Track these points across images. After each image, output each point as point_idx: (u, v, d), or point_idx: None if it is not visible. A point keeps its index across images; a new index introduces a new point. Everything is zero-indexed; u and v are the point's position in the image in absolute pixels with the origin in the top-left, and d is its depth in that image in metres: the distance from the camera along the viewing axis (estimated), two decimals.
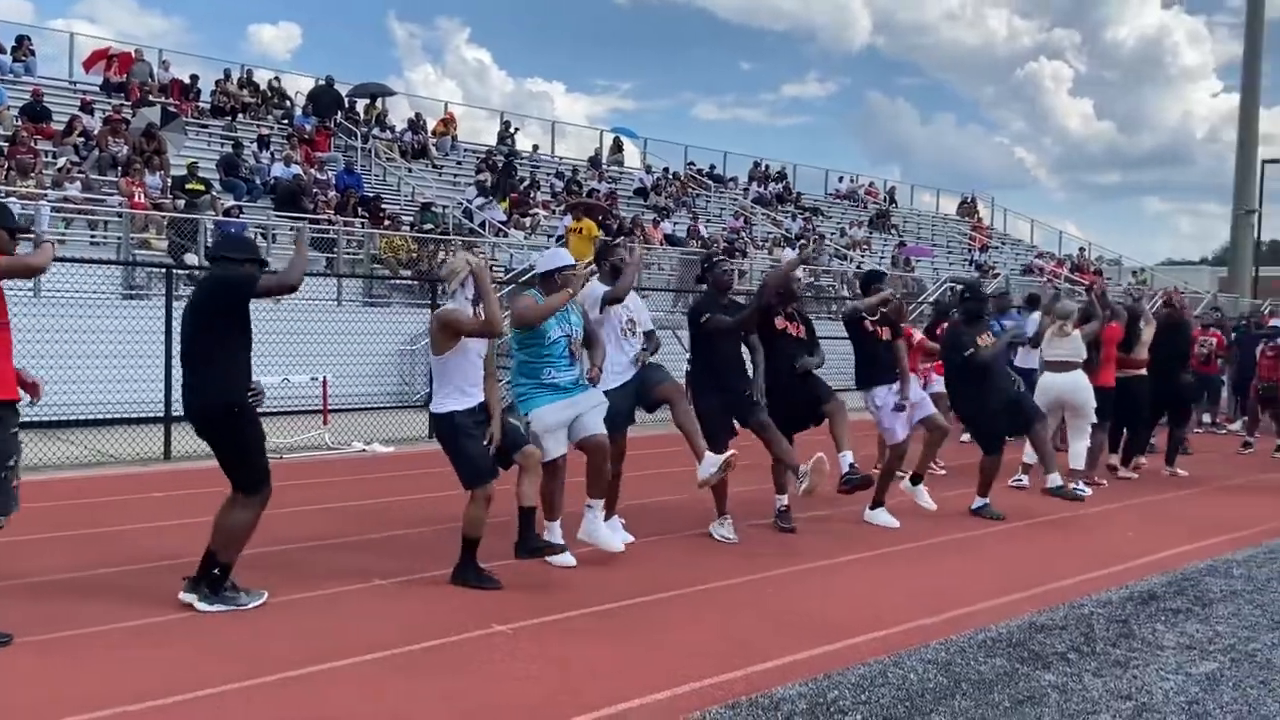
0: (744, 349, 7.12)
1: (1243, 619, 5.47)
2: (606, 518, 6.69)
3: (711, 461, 6.35)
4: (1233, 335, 14.74)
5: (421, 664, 4.41)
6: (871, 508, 7.59)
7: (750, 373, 7.06)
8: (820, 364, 7.07)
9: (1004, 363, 8.29)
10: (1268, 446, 12.28)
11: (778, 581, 5.93)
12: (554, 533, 6.08)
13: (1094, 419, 9.04)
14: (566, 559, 6.01)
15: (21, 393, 4.67)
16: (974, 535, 7.34)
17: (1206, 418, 14.53)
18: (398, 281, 16.20)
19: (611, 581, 5.74)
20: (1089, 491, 9.01)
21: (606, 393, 6.43)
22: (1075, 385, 8.83)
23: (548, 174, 25.39)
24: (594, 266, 6.97)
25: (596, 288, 6.56)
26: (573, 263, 6.24)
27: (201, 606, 4.98)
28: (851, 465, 7.14)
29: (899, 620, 5.18)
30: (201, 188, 15.85)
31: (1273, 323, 13.94)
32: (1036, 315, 11.61)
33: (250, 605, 5.04)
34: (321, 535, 6.70)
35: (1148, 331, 9.88)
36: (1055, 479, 8.09)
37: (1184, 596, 5.88)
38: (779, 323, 7.09)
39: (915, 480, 7.77)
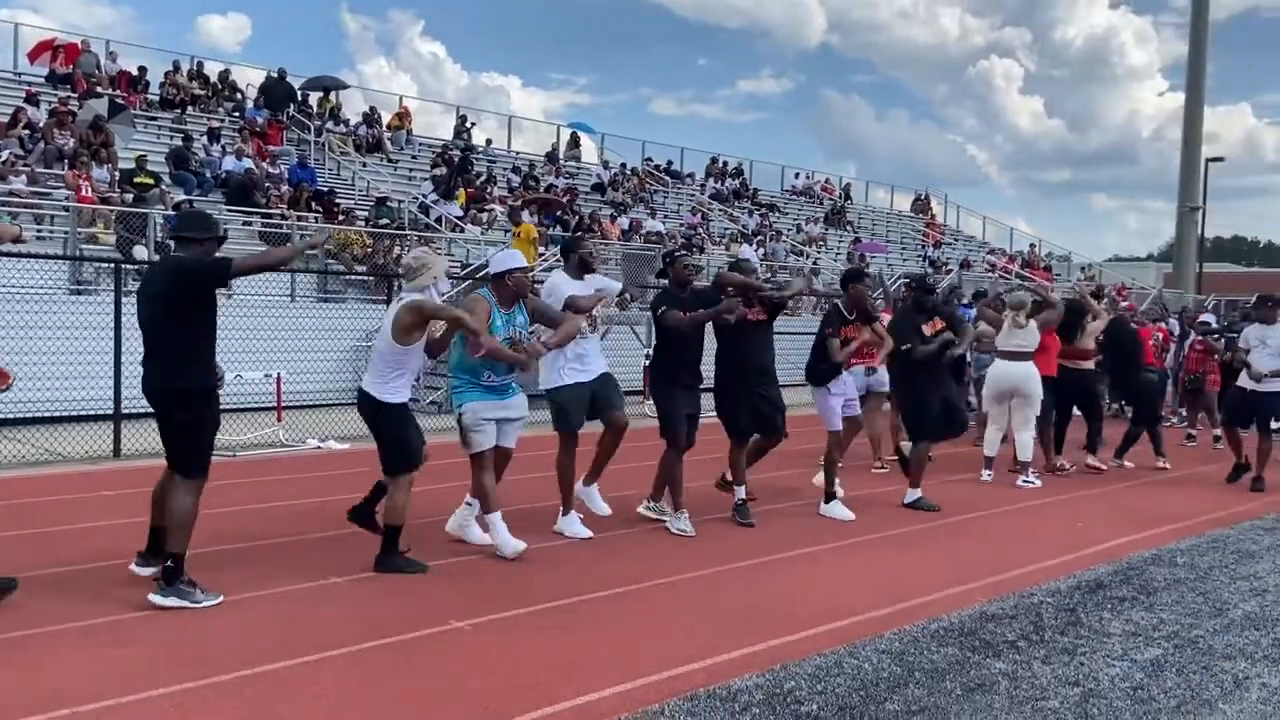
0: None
1: (1186, 606, 5.62)
2: (565, 512, 6.77)
3: (596, 496, 6.79)
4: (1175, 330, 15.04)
5: (380, 661, 4.40)
6: (825, 502, 7.68)
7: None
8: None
9: (948, 364, 8.34)
10: (1209, 438, 12.58)
11: (734, 575, 5.99)
12: (497, 527, 6.15)
13: (1038, 409, 9.23)
14: (516, 545, 6.12)
15: None
16: (928, 528, 7.45)
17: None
18: (352, 277, 16.05)
19: (570, 577, 5.77)
20: (1039, 482, 9.22)
21: (563, 388, 6.51)
22: (1028, 374, 9.11)
23: (504, 169, 25.29)
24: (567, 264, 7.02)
25: (559, 283, 6.61)
26: (525, 265, 6.31)
27: (157, 600, 4.98)
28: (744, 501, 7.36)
29: (854, 611, 5.26)
30: (151, 181, 15.60)
31: (1203, 318, 14.24)
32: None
33: (205, 604, 5.01)
34: (277, 533, 6.64)
35: (1096, 324, 10.07)
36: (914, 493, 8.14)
37: (1130, 585, 6.02)
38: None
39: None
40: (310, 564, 5.87)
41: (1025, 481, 9.16)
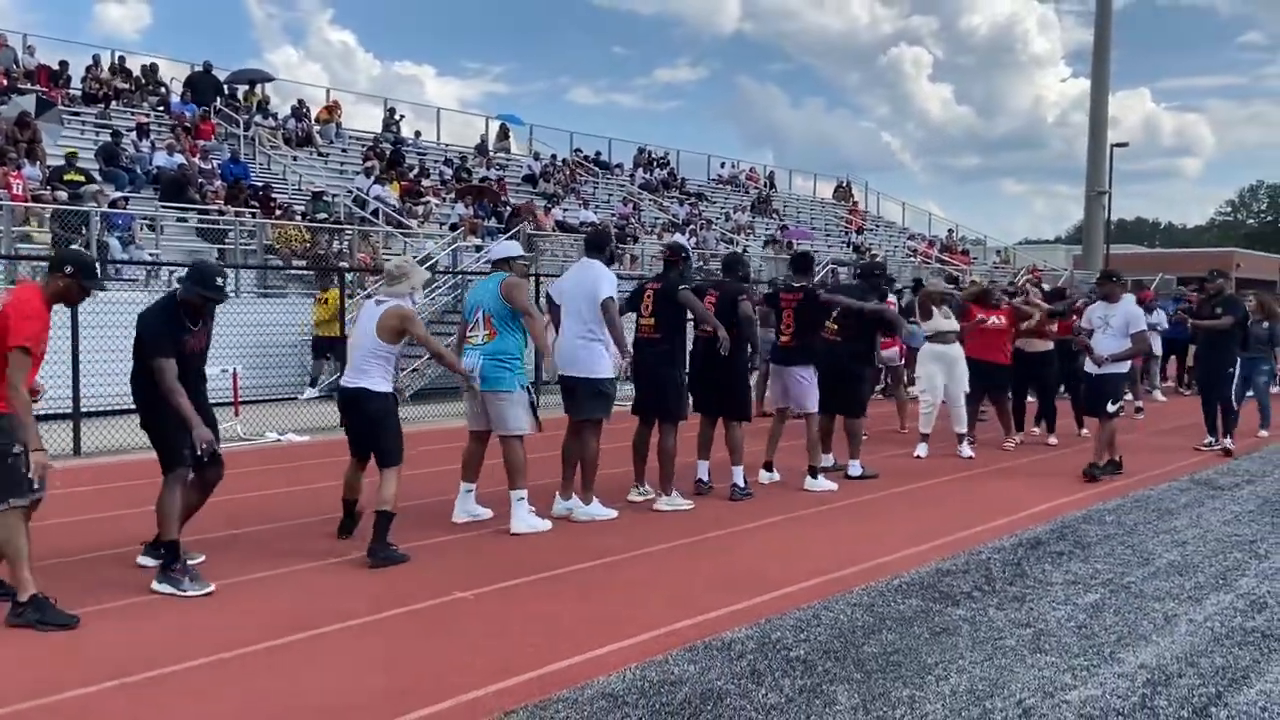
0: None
1: (1117, 558, 6.20)
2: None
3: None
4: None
5: (394, 628, 4.71)
6: (813, 477, 8.20)
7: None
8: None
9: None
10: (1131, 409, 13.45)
11: (710, 544, 6.40)
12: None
13: (967, 387, 9.85)
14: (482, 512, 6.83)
15: None
16: (878, 497, 7.96)
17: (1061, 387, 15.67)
18: (293, 271, 16.07)
19: (557, 551, 6.11)
20: (972, 454, 9.84)
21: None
22: (957, 354, 9.87)
23: (435, 161, 25.33)
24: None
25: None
26: (525, 255, 6.81)
27: (155, 586, 5.23)
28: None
29: (822, 572, 5.70)
30: (83, 178, 15.39)
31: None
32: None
33: (191, 594, 5.16)
34: (263, 520, 6.85)
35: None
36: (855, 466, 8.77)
37: (1066, 541, 6.59)
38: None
39: (768, 467, 8.43)
40: (304, 548, 6.12)
41: (963, 452, 9.80)
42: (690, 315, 7.61)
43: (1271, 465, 9.72)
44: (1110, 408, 8.76)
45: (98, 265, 5.12)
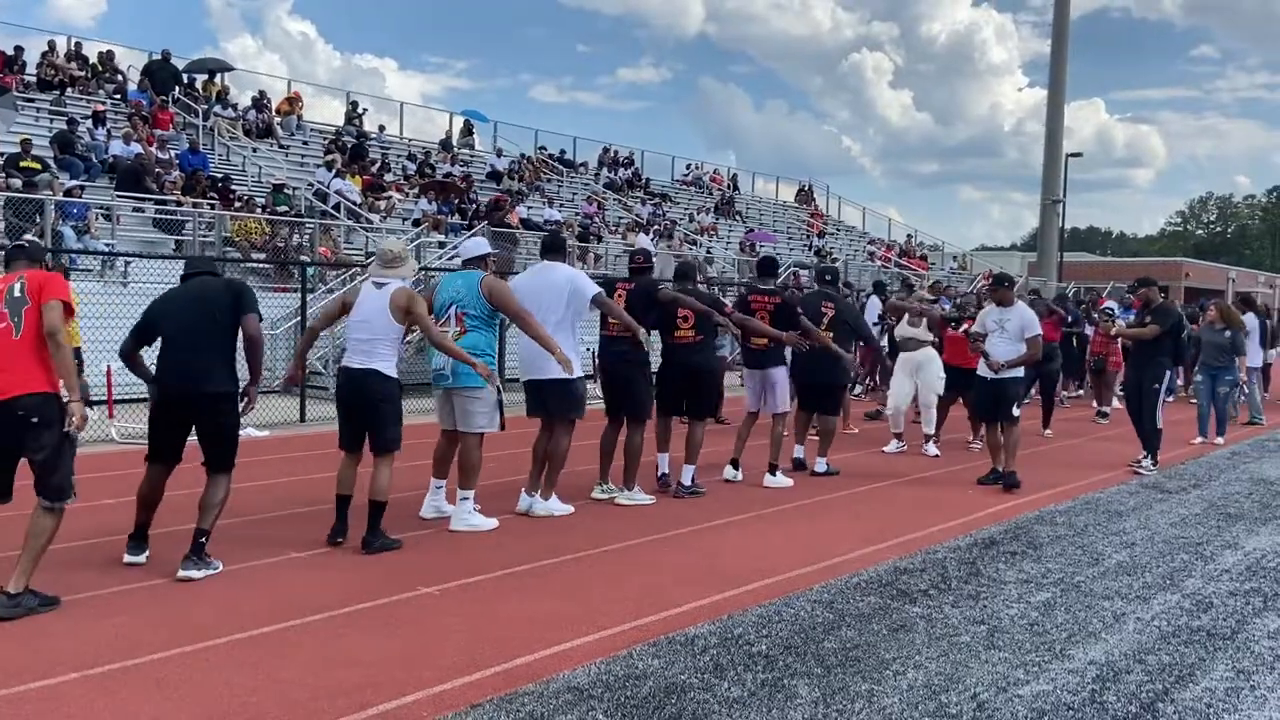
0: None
1: (1068, 558, 6.35)
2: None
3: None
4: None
5: (359, 623, 4.71)
6: (771, 474, 8.39)
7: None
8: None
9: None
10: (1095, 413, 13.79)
11: (674, 541, 6.48)
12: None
13: (940, 389, 10.11)
14: (450, 509, 6.68)
15: None
16: (839, 497, 8.09)
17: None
18: (252, 265, 15.89)
19: (522, 546, 6.15)
20: (938, 452, 10.07)
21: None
22: (929, 358, 10.21)
23: (399, 156, 25.17)
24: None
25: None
26: (491, 251, 6.95)
27: (190, 574, 5.31)
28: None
29: (783, 570, 5.79)
30: (38, 166, 15.12)
31: (1107, 304, 15.44)
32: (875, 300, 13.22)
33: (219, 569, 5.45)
34: (226, 515, 6.72)
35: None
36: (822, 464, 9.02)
37: (1019, 541, 6.74)
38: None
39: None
40: (265, 542, 6.10)
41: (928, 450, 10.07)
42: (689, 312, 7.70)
43: (1218, 470, 9.98)
44: (1015, 411, 8.69)
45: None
